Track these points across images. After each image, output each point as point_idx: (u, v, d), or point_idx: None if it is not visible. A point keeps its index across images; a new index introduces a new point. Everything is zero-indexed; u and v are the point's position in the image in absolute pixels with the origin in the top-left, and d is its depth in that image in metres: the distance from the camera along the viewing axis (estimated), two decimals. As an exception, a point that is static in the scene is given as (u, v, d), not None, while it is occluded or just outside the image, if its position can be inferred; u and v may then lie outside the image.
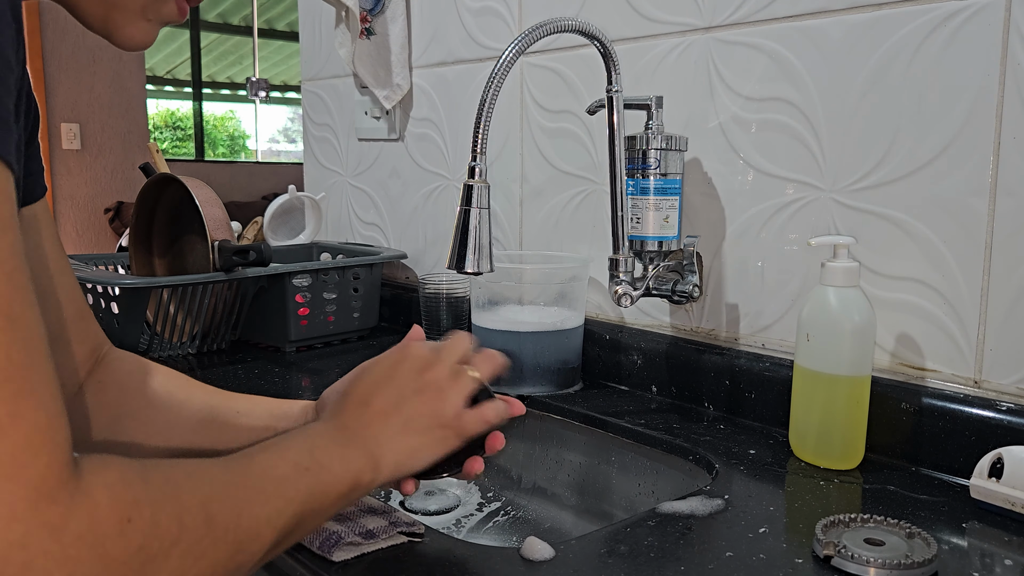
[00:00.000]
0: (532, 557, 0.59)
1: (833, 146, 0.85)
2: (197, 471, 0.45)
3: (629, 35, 1.02)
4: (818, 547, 0.59)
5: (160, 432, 0.65)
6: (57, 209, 4.32)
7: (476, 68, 1.26)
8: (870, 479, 0.75)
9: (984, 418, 0.74)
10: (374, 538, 0.60)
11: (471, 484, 1.02)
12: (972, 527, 0.66)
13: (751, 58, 0.90)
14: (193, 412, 0.67)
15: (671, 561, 0.59)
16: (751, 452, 0.82)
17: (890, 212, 0.81)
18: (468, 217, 0.77)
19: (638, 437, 0.89)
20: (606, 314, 1.10)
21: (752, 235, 0.92)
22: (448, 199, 1.34)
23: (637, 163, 0.91)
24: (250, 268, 1.19)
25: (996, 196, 0.74)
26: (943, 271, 0.78)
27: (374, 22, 1.37)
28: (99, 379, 0.65)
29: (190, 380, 0.70)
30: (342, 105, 1.54)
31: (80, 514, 0.36)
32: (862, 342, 0.75)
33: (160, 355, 1.18)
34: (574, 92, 1.10)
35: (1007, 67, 0.73)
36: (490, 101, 0.78)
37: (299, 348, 1.24)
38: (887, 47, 0.80)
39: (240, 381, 1.05)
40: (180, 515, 0.41)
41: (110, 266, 1.33)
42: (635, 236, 0.93)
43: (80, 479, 0.37)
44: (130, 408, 0.65)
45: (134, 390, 0.66)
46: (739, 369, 0.92)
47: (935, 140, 0.77)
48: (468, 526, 0.94)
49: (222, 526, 0.44)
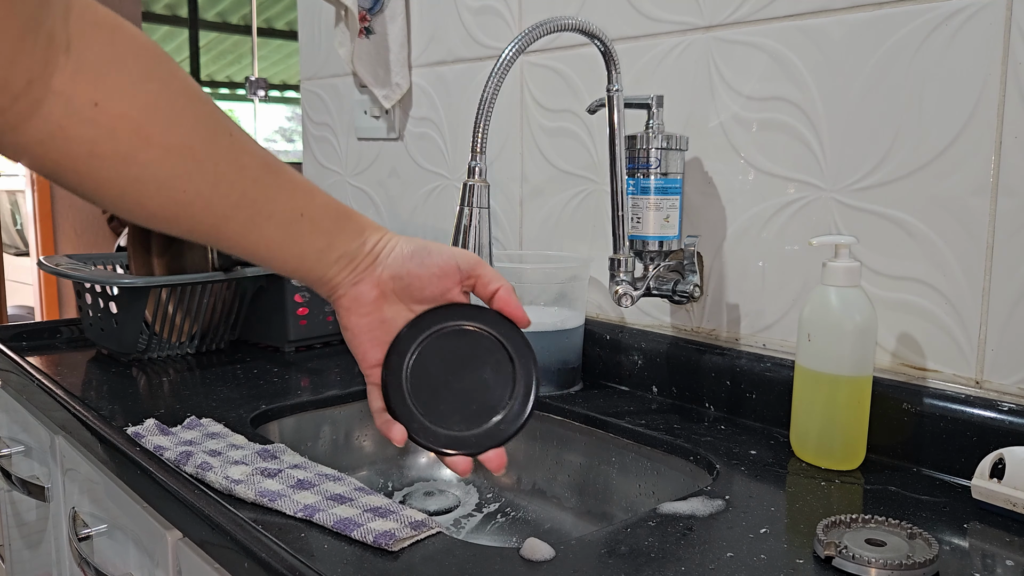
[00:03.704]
0: (532, 558, 0.59)
1: (834, 145, 0.84)
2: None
3: (629, 34, 1.02)
4: (819, 548, 0.59)
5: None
6: (55, 208, 4.31)
7: (476, 67, 1.26)
8: (871, 479, 0.75)
9: (985, 418, 0.74)
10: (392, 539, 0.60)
11: (470, 484, 1.02)
12: (973, 528, 0.65)
13: (752, 57, 0.90)
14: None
15: (671, 562, 0.59)
16: (752, 452, 0.81)
17: (891, 212, 0.81)
18: (467, 217, 0.76)
19: (638, 437, 0.88)
20: (606, 314, 1.10)
21: (753, 235, 0.92)
22: (448, 199, 1.33)
23: (637, 162, 0.91)
24: (249, 268, 1.19)
25: (997, 196, 0.74)
26: (944, 271, 0.78)
27: (373, 21, 1.37)
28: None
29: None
30: (341, 104, 1.54)
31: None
32: (863, 342, 0.75)
33: (159, 355, 1.17)
34: (574, 91, 1.10)
35: (1008, 66, 0.72)
36: (490, 100, 0.78)
37: (298, 348, 1.24)
38: (888, 46, 0.80)
39: (239, 381, 1.05)
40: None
41: (108, 266, 1.32)
42: (635, 236, 0.92)
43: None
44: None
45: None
46: (740, 369, 0.92)
47: (936, 140, 0.77)
48: (468, 527, 0.94)
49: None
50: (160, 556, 0.78)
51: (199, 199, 0.49)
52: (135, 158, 0.46)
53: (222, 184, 0.50)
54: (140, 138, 0.45)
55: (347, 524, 0.62)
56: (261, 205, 0.52)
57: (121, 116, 0.44)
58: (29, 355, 1.16)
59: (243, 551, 0.62)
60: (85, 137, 0.44)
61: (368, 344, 0.58)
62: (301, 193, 0.54)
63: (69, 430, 0.96)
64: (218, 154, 0.49)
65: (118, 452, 0.80)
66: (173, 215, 0.49)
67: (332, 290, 0.57)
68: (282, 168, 0.54)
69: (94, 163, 0.45)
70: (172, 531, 0.76)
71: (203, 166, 0.48)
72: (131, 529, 0.85)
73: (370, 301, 0.57)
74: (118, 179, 0.46)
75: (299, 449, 0.96)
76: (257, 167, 0.52)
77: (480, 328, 0.56)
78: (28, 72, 0.41)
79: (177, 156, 0.47)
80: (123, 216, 0.49)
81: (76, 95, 0.43)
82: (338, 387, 1.04)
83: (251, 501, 0.67)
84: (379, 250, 0.57)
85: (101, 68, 0.44)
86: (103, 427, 0.85)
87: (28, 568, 1.24)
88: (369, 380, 0.58)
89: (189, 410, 0.92)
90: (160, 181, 0.47)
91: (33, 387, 1.04)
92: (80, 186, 0.46)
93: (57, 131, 0.43)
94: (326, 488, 0.69)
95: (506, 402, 0.57)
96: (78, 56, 0.43)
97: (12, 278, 4.17)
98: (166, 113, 0.46)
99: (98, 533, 0.93)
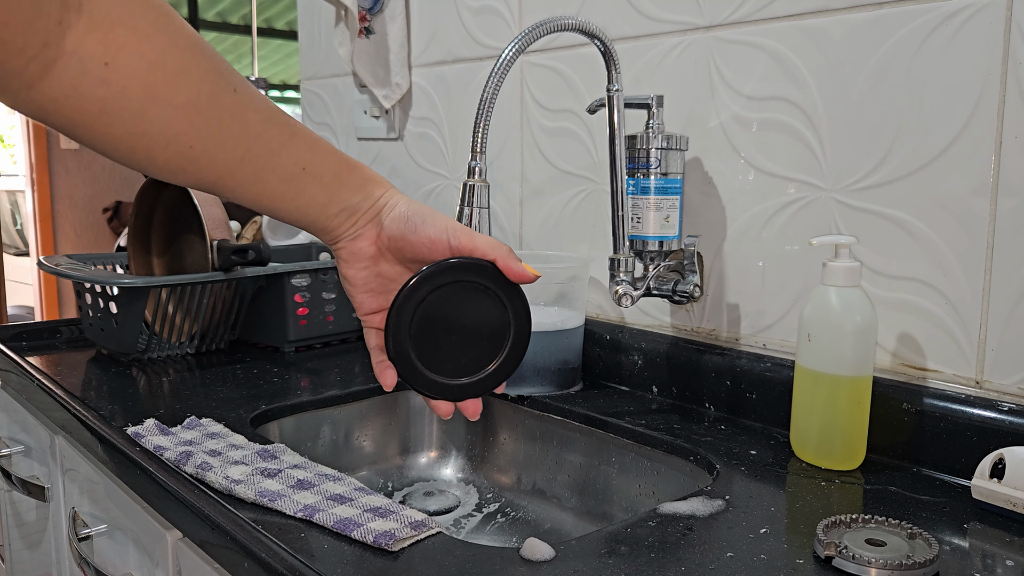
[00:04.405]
0: (532, 558, 0.59)
1: (834, 145, 0.84)
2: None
3: (629, 34, 1.02)
4: (819, 548, 0.59)
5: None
6: (55, 209, 4.31)
7: (476, 67, 1.26)
8: (871, 480, 0.75)
9: (985, 418, 0.74)
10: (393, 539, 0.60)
11: (470, 484, 1.02)
12: (973, 528, 0.65)
13: (752, 57, 0.90)
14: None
15: (672, 562, 0.59)
16: (752, 453, 0.81)
17: (892, 212, 0.81)
18: (468, 217, 0.76)
19: (638, 438, 0.88)
20: (606, 314, 1.10)
21: (753, 235, 0.92)
22: (448, 198, 1.33)
23: (637, 162, 0.91)
24: (249, 268, 1.19)
25: (998, 196, 0.74)
26: (945, 271, 0.78)
27: (373, 21, 1.37)
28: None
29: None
30: (341, 104, 1.54)
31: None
32: (863, 342, 0.75)
33: (159, 355, 1.17)
34: (574, 91, 1.10)
35: (1008, 66, 0.72)
36: (489, 100, 0.78)
37: (298, 348, 1.24)
38: (888, 46, 0.80)
39: (239, 381, 1.05)
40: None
41: (108, 266, 1.32)
42: (636, 236, 0.92)
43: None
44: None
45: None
46: (740, 369, 0.92)
47: (936, 139, 0.77)
48: (468, 527, 0.94)
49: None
50: (160, 556, 0.78)
51: (204, 155, 0.51)
52: (144, 115, 0.47)
53: (227, 140, 0.51)
54: (148, 96, 0.47)
55: (347, 524, 0.62)
56: (265, 160, 0.54)
57: (131, 75, 0.46)
58: (29, 355, 1.16)
59: (243, 551, 0.62)
60: (96, 95, 0.45)
61: (364, 294, 0.60)
62: (304, 147, 0.56)
63: (69, 430, 0.96)
64: (223, 110, 0.51)
65: (118, 452, 0.80)
66: (180, 168, 0.51)
67: (333, 240, 0.59)
68: (286, 121, 0.55)
69: (104, 120, 0.47)
70: (172, 531, 0.76)
71: (209, 123, 0.50)
72: (131, 529, 0.85)
73: (368, 256, 0.59)
74: (127, 135, 0.48)
75: (299, 449, 0.96)
76: (260, 122, 0.53)
77: (488, 286, 0.58)
78: (44, 34, 0.42)
79: (183, 114, 0.49)
80: (134, 168, 0.51)
81: (88, 54, 0.44)
82: (338, 387, 1.04)
83: (251, 501, 0.67)
84: (380, 206, 0.59)
85: (112, 24, 0.45)
86: (103, 427, 0.85)
87: (28, 568, 1.24)
88: (366, 324, 0.61)
89: (189, 410, 0.92)
90: (168, 138, 0.49)
91: (33, 387, 1.04)
92: (92, 141, 0.48)
93: (70, 90, 0.45)
94: (326, 488, 0.69)
95: (493, 360, 0.60)
96: (89, 14, 0.44)
97: (12, 278, 4.17)
98: (174, 69, 0.48)
99: (98, 533, 0.93)
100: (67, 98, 0.45)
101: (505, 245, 0.59)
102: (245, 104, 0.52)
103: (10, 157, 5.35)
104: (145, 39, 0.47)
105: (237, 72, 0.52)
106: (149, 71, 0.47)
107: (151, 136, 0.48)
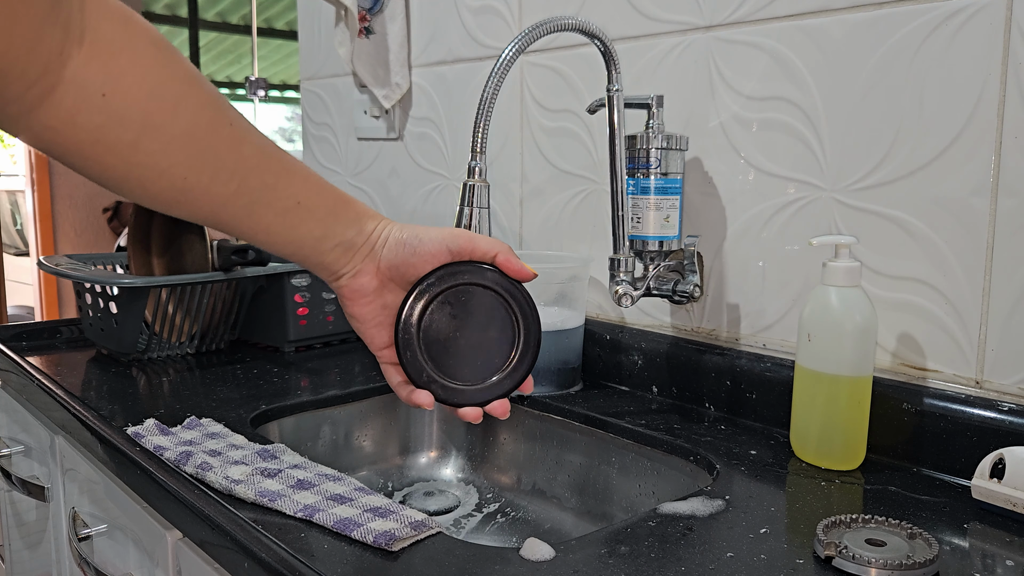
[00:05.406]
0: (532, 558, 0.59)
1: (834, 145, 0.84)
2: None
3: (629, 34, 1.02)
4: (819, 548, 0.59)
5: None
6: (55, 208, 4.31)
7: (476, 67, 1.26)
8: (871, 480, 0.75)
9: (985, 419, 0.74)
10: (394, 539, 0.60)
11: (470, 485, 1.02)
12: (973, 528, 0.65)
13: (752, 57, 0.90)
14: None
15: (672, 562, 0.59)
16: (752, 453, 0.81)
17: (892, 212, 0.81)
18: (468, 217, 0.76)
19: (639, 438, 0.88)
20: (606, 314, 1.10)
21: (753, 235, 0.92)
22: (447, 198, 1.33)
23: (637, 162, 0.91)
24: (249, 268, 1.19)
25: (998, 196, 0.74)
26: (945, 271, 0.78)
27: (373, 21, 1.37)
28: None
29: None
30: (341, 104, 1.54)
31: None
32: (863, 342, 0.75)
33: (159, 355, 1.17)
34: (574, 91, 1.10)
35: (1008, 66, 0.72)
36: (489, 100, 0.78)
37: (298, 348, 1.24)
38: (888, 46, 0.80)
39: (239, 381, 1.05)
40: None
41: (108, 266, 1.32)
42: (636, 236, 0.92)
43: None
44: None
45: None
46: (740, 369, 0.92)
47: (936, 139, 0.77)
48: (468, 527, 0.94)
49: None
50: (160, 556, 0.78)
51: (199, 186, 0.51)
52: (139, 145, 0.47)
53: (222, 172, 0.51)
54: (145, 126, 0.47)
55: (347, 524, 0.62)
56: (259, 193, 0.53)
57: (129, 104, 0.46)
58: (29, 355, 1.16)
59: (243, 551, 0.62)
60: (94, 123, 0.46)
61: (374, 329, 0.60)
62: (299, 181, 0.56)
63: (69, 430, 0.96)
64: (219, 143, 0.51)
65: (118, 452, 0.80)
66: (174, 199, 0.51)
67: (332, 276, 0.59)
68: (281, 156, 0.55)
69: (100, 148, 0.47)
70: (172, 531, 0.76)
71: (204, 155, 0.50)
72: (131, 529, 0.85)
73: (371, 291, 0.59)
74: (122, 165, 0.48)
75: (299, 449, 0.96)
76: (255, 155, 0.53)
77: (486, 285, 0.59)
78: (45, 61, 0.42)
79: (179, 144, 0.49)
80: (126, 197, 0.51)
81: (87, 83, 0.45)
82: (338, 387, 1.04)
83: (251, 501, 0.67)
84: (375, 239, 0.59)
85: (112, 55, 0.45)
86: (103, 427, 0.85)
87: (28, 568, 1.24)
88: (381, 360, 0.61)
89: (189, 410, 0.92)
90: (162, 168, 0.49)
91: (33, 387, 1.04)
92: (87, 169, 0.48)
93: (67, 117, 0.45)
94: (326, 488, 0.69)
95: (510, 357, 0.60)
96: (91, 44, 0.45)
97: (12, 278, 4.17)
98: (171, 100, 0.48)
99: (98, 533, 0.93)
100: (64, 125, 0.45)
101: (505, 244, 0.59)
102: (241, 138, 0.52)
103: (10, 157, 5.35)
104: (144, 70, 0.47)
105: (234, 107, 0.53)
106: (147, 101, 0.47)
107: (146, 166, 0.48)
